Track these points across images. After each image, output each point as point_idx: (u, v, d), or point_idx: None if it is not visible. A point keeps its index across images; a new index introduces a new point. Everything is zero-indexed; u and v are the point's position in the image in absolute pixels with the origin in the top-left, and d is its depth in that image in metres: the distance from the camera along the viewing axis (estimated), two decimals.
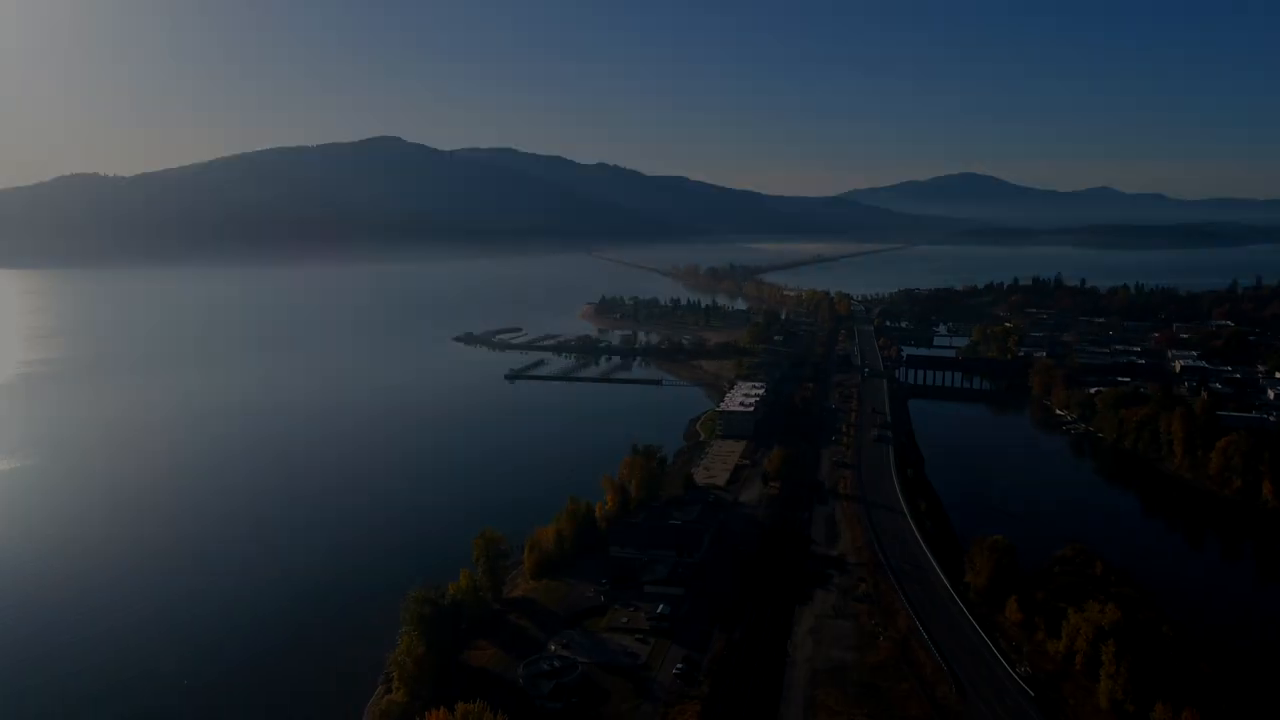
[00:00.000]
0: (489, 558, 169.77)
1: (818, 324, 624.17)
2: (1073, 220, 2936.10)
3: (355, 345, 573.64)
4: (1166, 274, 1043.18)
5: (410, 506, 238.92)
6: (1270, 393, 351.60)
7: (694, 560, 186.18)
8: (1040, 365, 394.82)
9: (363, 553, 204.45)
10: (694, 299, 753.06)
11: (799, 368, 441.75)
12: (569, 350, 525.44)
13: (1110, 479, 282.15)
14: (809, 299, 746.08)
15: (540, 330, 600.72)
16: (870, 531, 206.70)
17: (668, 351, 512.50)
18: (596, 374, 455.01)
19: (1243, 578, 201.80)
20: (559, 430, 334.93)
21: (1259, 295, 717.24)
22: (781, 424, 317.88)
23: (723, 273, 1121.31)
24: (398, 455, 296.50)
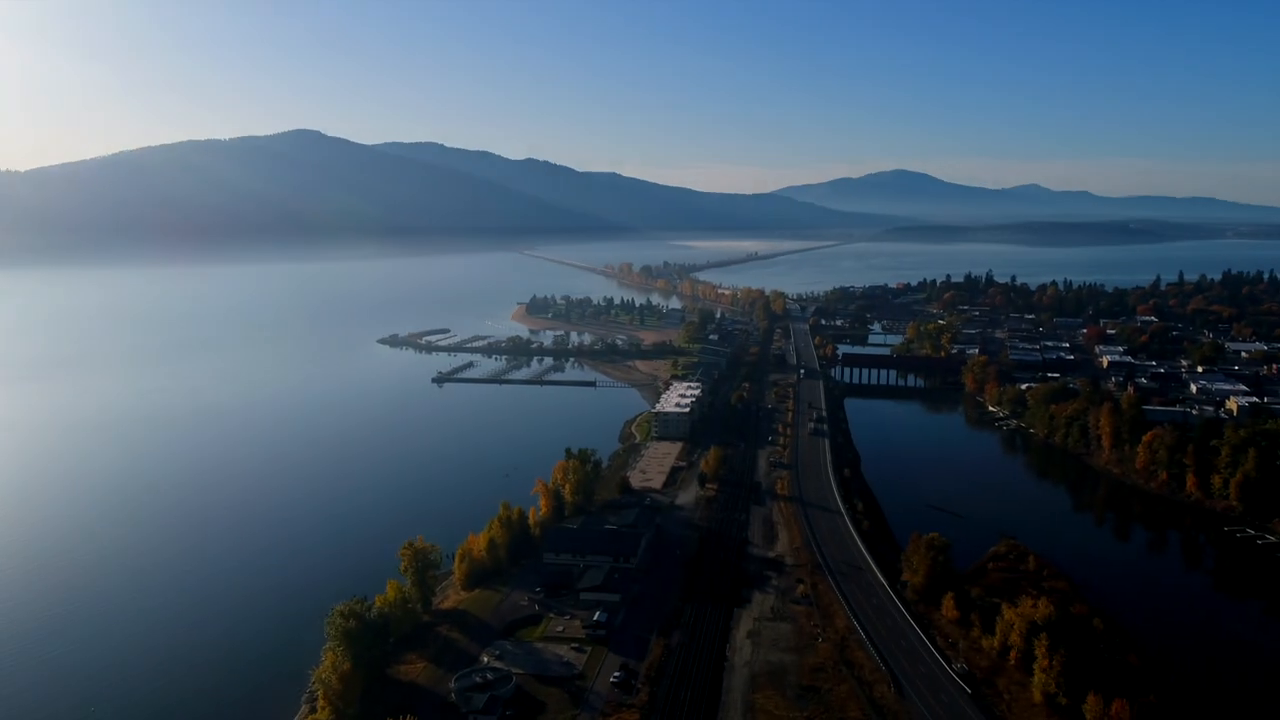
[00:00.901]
0: (418, 568, 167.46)
1: (753, 323, 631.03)
2: (1003, 217, 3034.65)
3: (272, 349, 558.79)
4: (1093, 270, 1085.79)
5: (334, 517, 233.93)
6: (1193, 386, 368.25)
7: (631, 565, 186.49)
8: (973, 362, 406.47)
9: (284, 566, 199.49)
10: (628, 298, 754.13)
11: (735, 367, 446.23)
12: (499, 352, 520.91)
13: (1042, 474, 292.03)
14: (744, 297, 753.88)
15: (469, 331, 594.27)
16: (808, 532, 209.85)
17: (602, 352, 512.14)
18: (528, 376, 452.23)
19: (1168, 569, 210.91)
20: (490, 435, 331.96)
21: (1181, 291, 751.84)
22: (718, 425, 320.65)
23: (657, 271, 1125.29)
24: (320, 464, 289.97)
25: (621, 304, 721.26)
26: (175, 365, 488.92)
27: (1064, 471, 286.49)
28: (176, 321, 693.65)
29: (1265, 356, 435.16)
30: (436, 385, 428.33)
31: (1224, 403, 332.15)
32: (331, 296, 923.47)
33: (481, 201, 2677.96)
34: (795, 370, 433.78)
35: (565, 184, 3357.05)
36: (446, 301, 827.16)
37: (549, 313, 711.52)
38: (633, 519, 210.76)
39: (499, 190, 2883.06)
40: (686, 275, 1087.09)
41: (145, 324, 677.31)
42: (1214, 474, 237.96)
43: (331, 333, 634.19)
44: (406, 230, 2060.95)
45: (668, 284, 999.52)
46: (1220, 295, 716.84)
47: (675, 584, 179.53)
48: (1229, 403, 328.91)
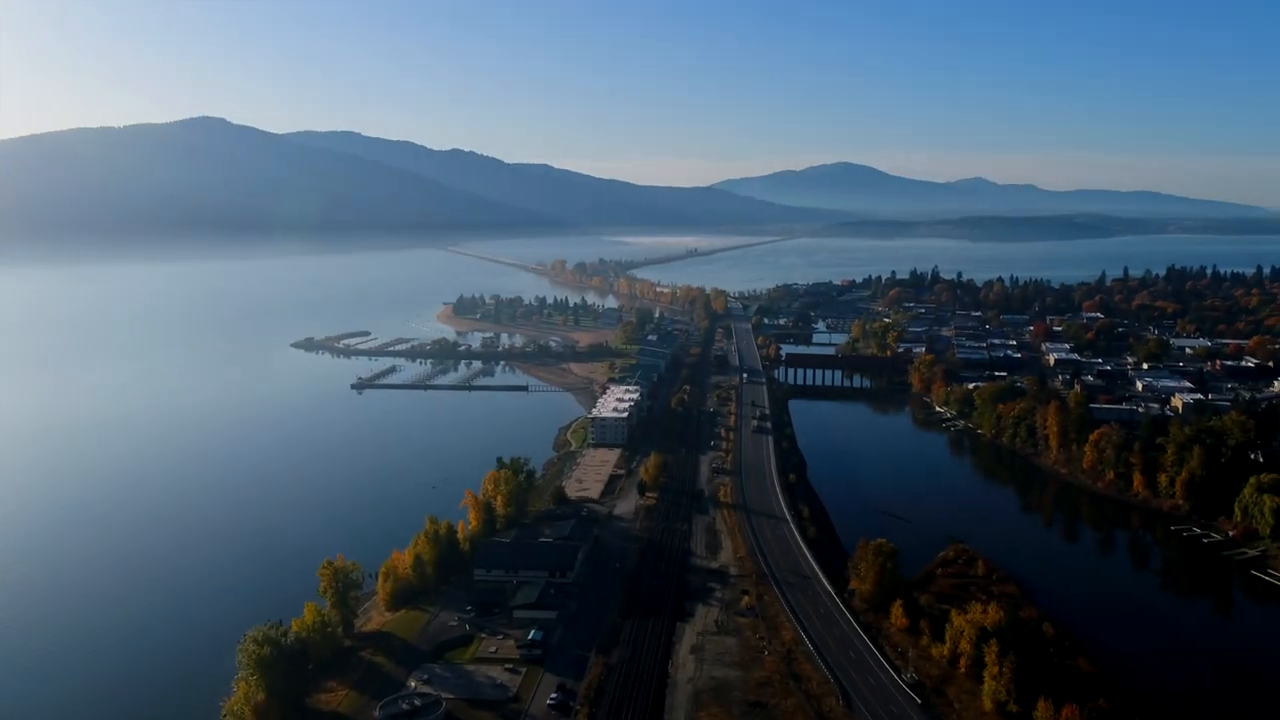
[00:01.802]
0: (338, 588, 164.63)
1: (694, 323, 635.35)
2: (949, 211, 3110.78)
3: (178, 354, 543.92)
4: (1039, 265, 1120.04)
5: (246, 536, 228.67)
6: (1139, 384, 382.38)
7: (567, 580, 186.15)
8: (920, 362, 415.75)
9: (192, 589, 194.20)
10: (561, 297, 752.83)
11: (675, 369, 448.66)
12: (424, 355, 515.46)
13: (989, 475, 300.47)
14: (684, 296, 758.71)
15: (391, 334, 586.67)
16: (752, 541, 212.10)
17: (534, 354, 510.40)
18: (456, 381, 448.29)
19: (1117, 570, 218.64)
20: (415, 444, 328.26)
21: (1126, 287, 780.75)
22: (658, 430, 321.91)
23: (592, 268, 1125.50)
24: (229, 479, 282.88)
25: (555, 303, 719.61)
26: (63, 375, 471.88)
27: (1012, 472, 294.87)
28: (62, 326, 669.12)
29: (1209, 353, 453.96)
30: (356, 392, 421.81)
31: (1169, 400, 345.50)
32: (239, 298, 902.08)
33: (404, 195, 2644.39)
34: (738, 372, 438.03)
35: (494, 176, 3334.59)
36: (367, 302, 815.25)
37: (477, 313, 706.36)
38: (569, 531, 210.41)
39: (422, 183, 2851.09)
40: (623, 273, 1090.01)
41: (28, 330, 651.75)
42: (1160, 473, 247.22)
43: (240, 337, 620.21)
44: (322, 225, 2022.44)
45: (603, 282, 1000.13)
46: (1164, 291, 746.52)
47: (614, 599, 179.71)
48: (1174, 400, 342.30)
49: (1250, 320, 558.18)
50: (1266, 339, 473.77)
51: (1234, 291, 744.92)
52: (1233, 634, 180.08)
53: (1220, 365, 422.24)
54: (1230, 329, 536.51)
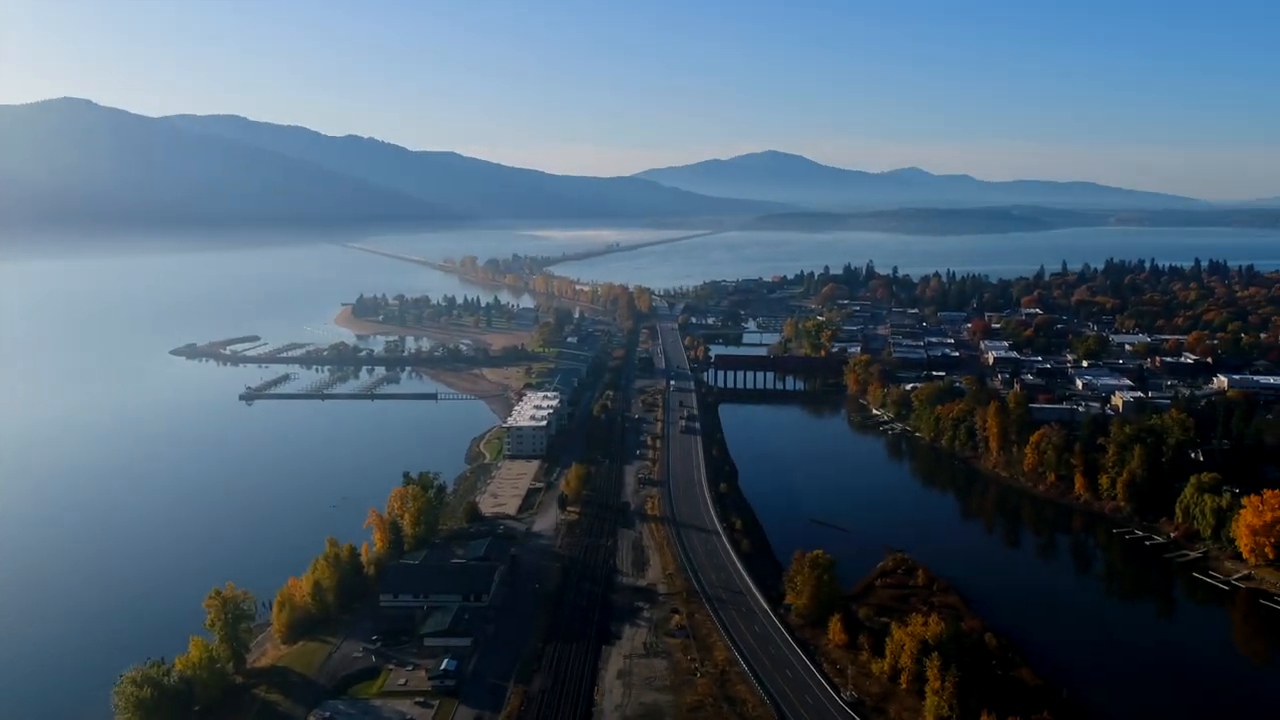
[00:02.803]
0: (228, 620, 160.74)
1: (616, 323, 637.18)
2: (883, 203, 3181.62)
3: (41, 363, 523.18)
4: (977, 260, 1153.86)
5: (124, 564, 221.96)
6: (1079, 382, 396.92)
7: (483, 604, 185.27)
8: (855, 362, 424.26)
9: (62, 626, 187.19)
10: (472, 296, 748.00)
11: (597, 374, 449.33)
12: (321, 362, 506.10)
13: (929, 480, 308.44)
14: (606, 294, 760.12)
15: (284, 338, 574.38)
16: (682, 556, 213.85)
17: (443, 359, 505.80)
18: (357, 389, 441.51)
19: (1059, 575, 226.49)
20: (312, 460, 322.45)
21: (1065, 281, 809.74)
22: (580, 439, 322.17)
23: (505, 265, 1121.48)
24: (104, 502, 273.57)
25: (465, 304, 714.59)
26: None
27: (952, 477, 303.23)
28: None
29: (1148, 349, 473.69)
30: (245, 403, 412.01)
31: (1110, 399, 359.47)
32: (107, 300, 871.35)
33: (295, 185, 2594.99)
34: (664, 375, 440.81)
35: (396, 165, 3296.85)
36: (256, 304, 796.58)
37: (380, 315, 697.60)
38: (484, 551, 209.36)
39: (316, 172, 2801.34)
40: (539, 270, 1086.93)
41: None
42: (1101, 474, 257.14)
43: (110, 344, 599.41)
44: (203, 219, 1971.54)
45: (518, 280, 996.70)
46: (1103, 285, 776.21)
47: (535, 622, 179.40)
48: (1114, 398, 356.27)
49: (1188, 315, 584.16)
50: (1204, 334, 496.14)
51: (1172, 286, 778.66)
52: (1175, 639, 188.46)
53: (1160, 362, 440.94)
54: (1169, 324, 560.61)
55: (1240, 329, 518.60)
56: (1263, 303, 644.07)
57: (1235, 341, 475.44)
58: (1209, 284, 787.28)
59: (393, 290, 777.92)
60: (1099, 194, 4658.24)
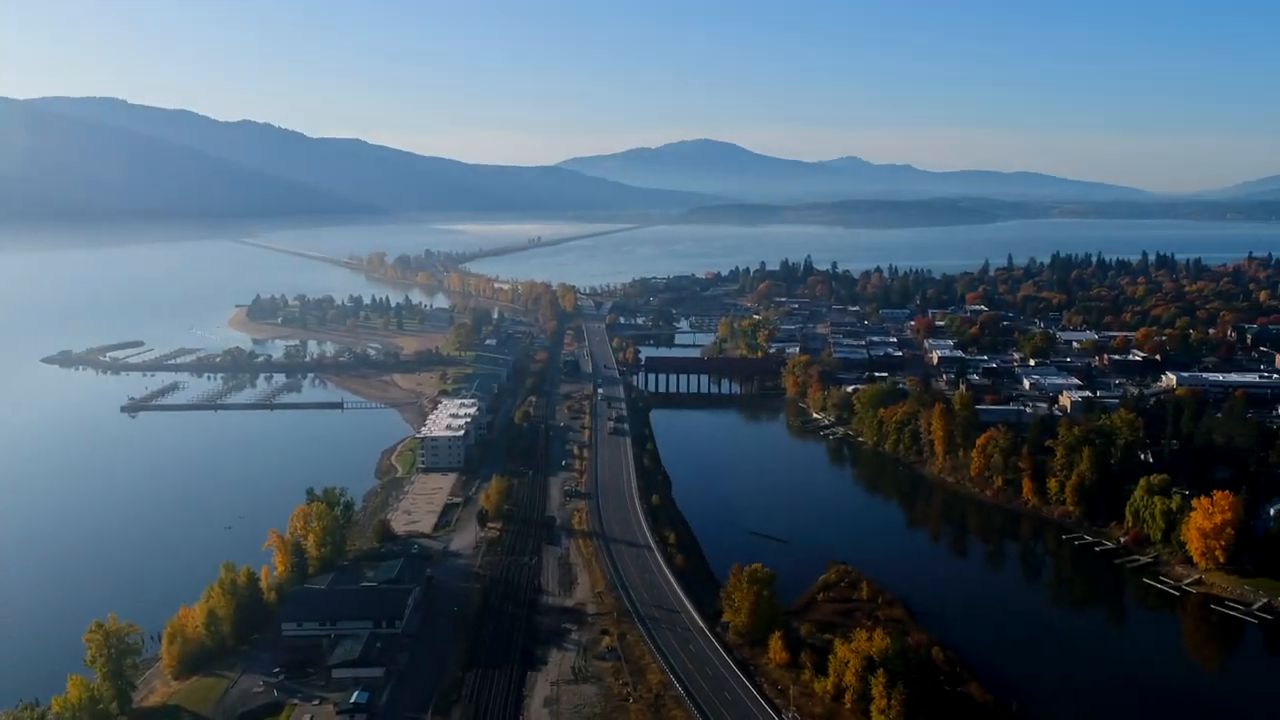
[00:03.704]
0: (111, 656, 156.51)
1: (539, 324, 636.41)
2: (820, 194, 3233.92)
3: None
4: (920, 254, 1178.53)
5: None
6: (1026, 382, 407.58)
7: (396, 631, 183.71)
8: (794, 363, 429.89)
9: None
10: (381, 296, 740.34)
11: (519, 378, 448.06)
12: (213, 369, 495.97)
13: (872, 487, 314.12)
14: (527, 293, 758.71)
15: (171, 344, 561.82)
16: (613, 573, 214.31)
17: (349, 365, 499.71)
18: (253, 398, 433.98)
19: (1007, 585, 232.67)
20: (205, 476, 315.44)
21: (1011, 276, 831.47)
22: (500, 449, 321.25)
23: (417, 262, 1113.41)
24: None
25: (373, 304, 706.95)
26: None
27: (896, 483, 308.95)
28: None
29: (1096, 346, 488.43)
30: (129, 415, 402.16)
31: (1057, 398, 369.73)
32: None
33: (182, 175, 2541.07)
34: (591, 379, 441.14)
35: (295, 153, 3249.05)
36: (139, 306, 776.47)
37: (278, 317, 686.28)
38: (396, 573, 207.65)
39: (206, 161, 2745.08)
40: (454, 267, 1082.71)
41: None
42: (1050, 478, 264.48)
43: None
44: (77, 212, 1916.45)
45: (431, 278, 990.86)
46: (1050, 280, 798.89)
47: (453, 649, 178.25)
48: (1062, 398, 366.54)
49: (1136, 311, 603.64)
50: (1153, 330, 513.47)
51: (1120, 280, 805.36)
52: (1127, 648, 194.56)
53: (1108, 360, 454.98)
54: (1117, 320, 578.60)
55: (1189, 325, 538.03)
56: (1211, 297, 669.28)
57: (1184, 338, 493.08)
58: (1157, 278, 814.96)
59: (293, 290, 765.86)
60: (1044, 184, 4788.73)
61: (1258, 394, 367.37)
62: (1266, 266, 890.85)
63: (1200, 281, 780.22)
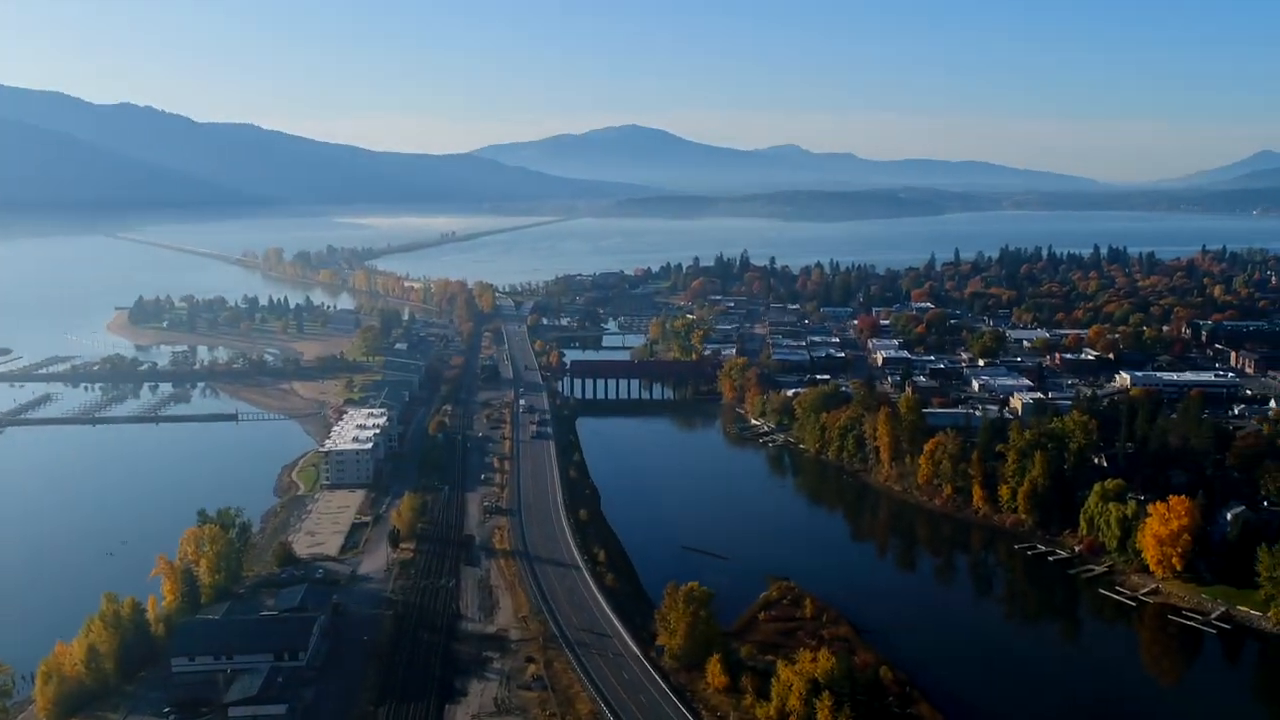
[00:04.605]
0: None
1: (454, 325, 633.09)
2: (757, 184, 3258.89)
3: None
4: (863, 248, 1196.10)
5: None
6: (975, 383, 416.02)
7: (300, 664, 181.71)
8: (730, 366, 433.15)
9: None
10: (279, 296, 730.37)
11: (433, 385, 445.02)
12: (91, 379, 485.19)
13: (815, 498, 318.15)
14: (440, 292, 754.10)
15: (42, 351, 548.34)
16: (537, 595, 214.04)
17: (245, 372, 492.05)
18: (137, 410, 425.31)
19: (958, 598, 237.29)
20: (83, 498, 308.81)
21: (958, 272, 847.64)
22: (413, 463, 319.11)
23: (319, 259, 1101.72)
24: None
25: (271, 305, 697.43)
26: None
27: (840, 492, 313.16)
28: None
29: (1047, 345, 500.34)
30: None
31: (1008, 400, 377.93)
32: None
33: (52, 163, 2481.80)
34: (511, 385, 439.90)
35: (180, 139, 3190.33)
36: (4, 309, 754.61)
37: (164, 321, 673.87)
38: (299, 600, 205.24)
39: (79, 147, 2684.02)
40: (360, 264, 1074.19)
41: None
42: (1001, 484, 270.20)
43: None
44: None
45: (334, 276, 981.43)
46: (999, 276, 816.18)
47: (363, 682, 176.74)
48: (1013, 400, 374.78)
49: (1088, 308, 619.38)
50: (1105, 328, 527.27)
51: (1071, 275, 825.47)
52: (1082, 662, 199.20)
53: (1060, 359, 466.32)
54: (1069, 317, 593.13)
55: (1142, 321, 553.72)
56: (1164, 292, 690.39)
57: (1137, 335, 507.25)
58: (1109, 273, 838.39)
59: (180, 290, 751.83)
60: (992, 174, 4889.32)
61: (1213, 393, 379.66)
62: (1221, 260, 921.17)
63: (1154, 276, 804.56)
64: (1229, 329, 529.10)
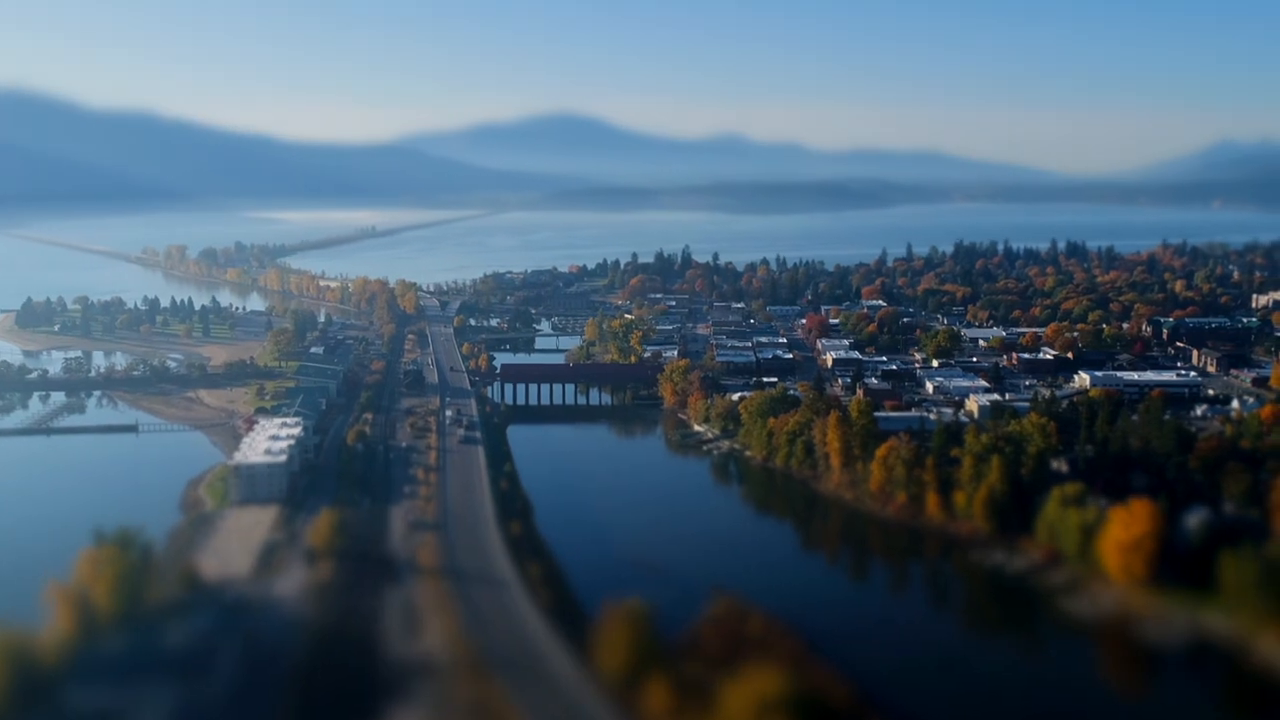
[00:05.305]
0: None
1: (374, 328, 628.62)
2: (699, 176, 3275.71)
3: None
4: (811, 243, 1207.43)
5: None
6: (929, 385, 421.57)
7: (208, 694, 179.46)
8: (672, 368, 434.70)
9: None
10: (182, 297, 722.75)
11: (352, 392, 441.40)
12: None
13: (762, 507, 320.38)
14: (359, 292, 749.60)
15: None
16: (466, 616, 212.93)
17: (145, 379, 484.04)
18: (25, 422, 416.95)
19: (913, 611, 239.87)
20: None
21: (911, 267, 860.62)
22: (331, 476, 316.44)
23: (226, 256, 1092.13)
24: None
25: (173, 307, 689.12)
26: None
27: (789, 501, 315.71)
28: None
29: (1004, 344, 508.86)
30: None
31: (964, 403, 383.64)
32: None
33: None
34: (437, 391, 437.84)
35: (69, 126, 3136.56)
36: None
37: (55, 324, 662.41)
38: (208, 626, 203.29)
39: None
40: (272, 262, 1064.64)
41: None
42: (957, 491, 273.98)
43: None
44: None
45: (243, 275, 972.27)
46: (953, 272, 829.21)
47: (277, 712, 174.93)
48: (969, 402, 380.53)
49: (1046, 305, 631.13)
50: (1064, 326, 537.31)
51: (1029, 271, 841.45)
52: (1042, 677, 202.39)
53: (1017, 359, 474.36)
54: (1026, 315, 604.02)
55: (1102, 318, 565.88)
56: (1124, 288, 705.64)
57: (1097, 333, 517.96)
58: (1067, 268, 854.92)
59: (72, 291, 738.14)
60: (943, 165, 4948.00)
61: (1175, 393, 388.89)
62: (1182, 254, 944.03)
63: (1113, 271, 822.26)
64: (1191, 326, 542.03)
